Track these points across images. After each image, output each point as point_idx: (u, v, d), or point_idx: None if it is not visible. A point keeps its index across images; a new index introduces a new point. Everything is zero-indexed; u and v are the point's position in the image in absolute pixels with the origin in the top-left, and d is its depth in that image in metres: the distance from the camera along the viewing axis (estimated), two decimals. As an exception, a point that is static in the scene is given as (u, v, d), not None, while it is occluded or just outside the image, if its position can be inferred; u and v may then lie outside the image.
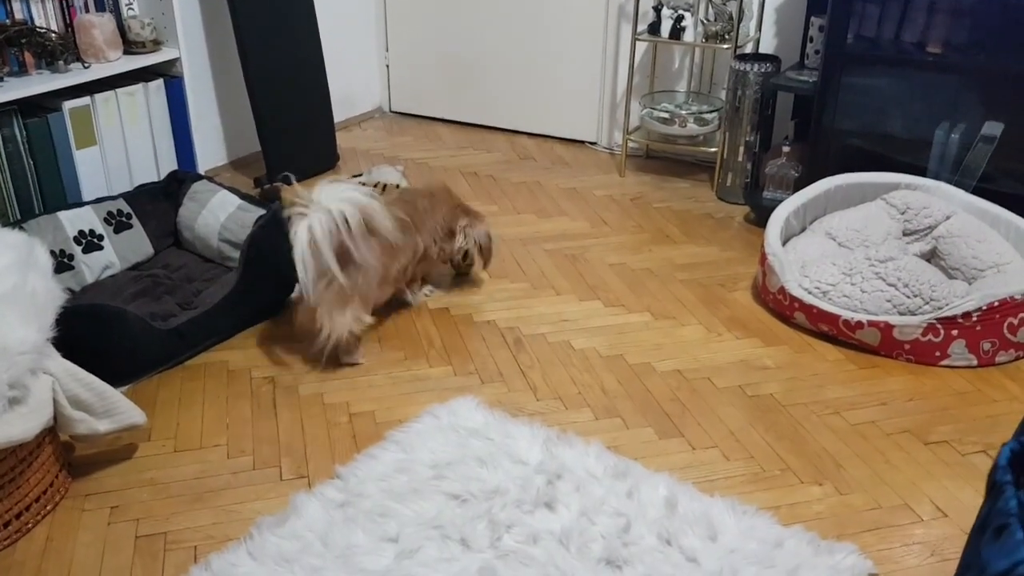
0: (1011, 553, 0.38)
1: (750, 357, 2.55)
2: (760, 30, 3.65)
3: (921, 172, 3.10)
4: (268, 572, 1.71)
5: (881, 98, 3.17)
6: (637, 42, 3.70)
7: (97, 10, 3.02)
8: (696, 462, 2.11)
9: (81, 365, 1.98)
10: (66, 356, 1.96)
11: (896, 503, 1.98)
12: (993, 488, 0.38)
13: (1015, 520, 0.39)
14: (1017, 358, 2.53)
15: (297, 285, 2.40)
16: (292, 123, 3.70)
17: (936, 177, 3.08)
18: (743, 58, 3.44)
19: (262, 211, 2.78)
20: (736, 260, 3.13)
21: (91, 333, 2.20)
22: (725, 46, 3.51)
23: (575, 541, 1.82)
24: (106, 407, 1.97)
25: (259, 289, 2.64)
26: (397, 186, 3.09)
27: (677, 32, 3.57)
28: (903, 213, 2.91)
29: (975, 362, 2.49)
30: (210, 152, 3.76)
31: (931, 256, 2.86)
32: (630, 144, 3.96)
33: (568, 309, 2.80)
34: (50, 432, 1.92)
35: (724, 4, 3.52)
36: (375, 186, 3.11)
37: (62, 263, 2.66)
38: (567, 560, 1.78)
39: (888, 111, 3.18)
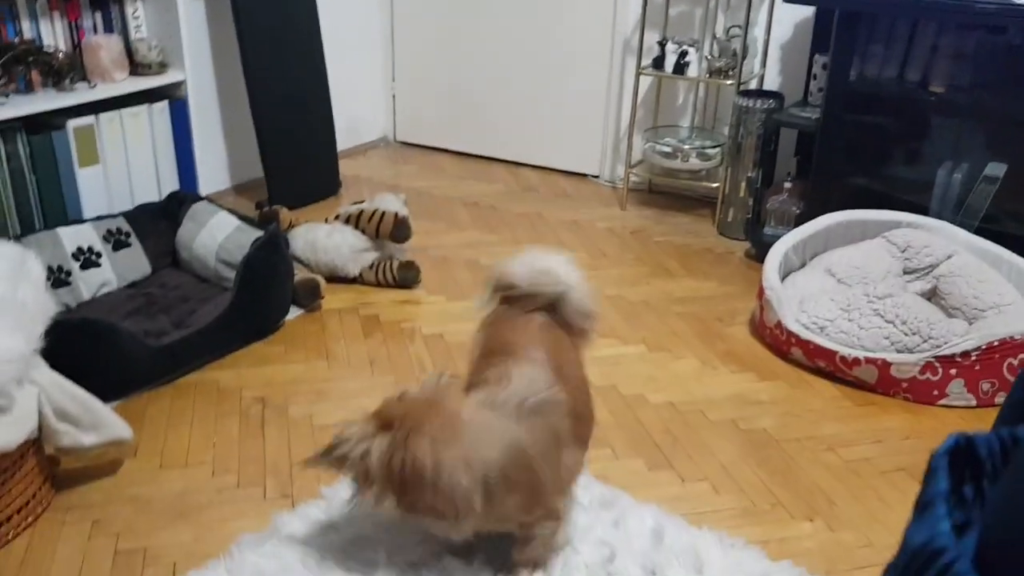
0: (930, 527, 0.37)
1: (745, 391, 2.52)
2: (764, 67, 3.67)
3: (923, 211, 3.10)
4: (245, 591, 1.69)
5: (884, 136, 3.18)
6: (641, 76, 3.73)
7: (105, 31, 3.06)
8: (686, 495, 2.08)
9: (70, 379, 1.97)
10: (56, 369, 1.95)
11: (889, 542, 1.94)
12: (927, 473, 0.37)
13: (941, 498, 0.37)
14: (1016, 399, 2.49)
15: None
16: (296, 150, 3.72)
17: (938, 217, 3.07)
18: (747, 94, 3.46)
19: (260, 233, 2.79)
20: (735, 295, 3.11)
21: (82, 347, 2.19)
22: (729, 82, 3.52)
23: (558, 570, 1.79)
24: (92, 420, 1.95)
25: (253, 310, 2.64)
26: (396, 214, 3.10)
27: (681, 67, 3.59)
28: (904, 251, 2.89)
29: (974, 402, 2.46)
30: (213, 176, 3.78)
31: (931, 295, 2.84)
32: (632, 178, 3.97)
33: (564, 339, 2.78)
34: (34, 444, 1.90)
35: (728, 40, 3.55)
36: (373, 214, 3.12)
37: (59, 279, 2.66)
38: (550, 589, 1.75)
39: (890, 149, 3.19)
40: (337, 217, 3.20)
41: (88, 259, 2.75)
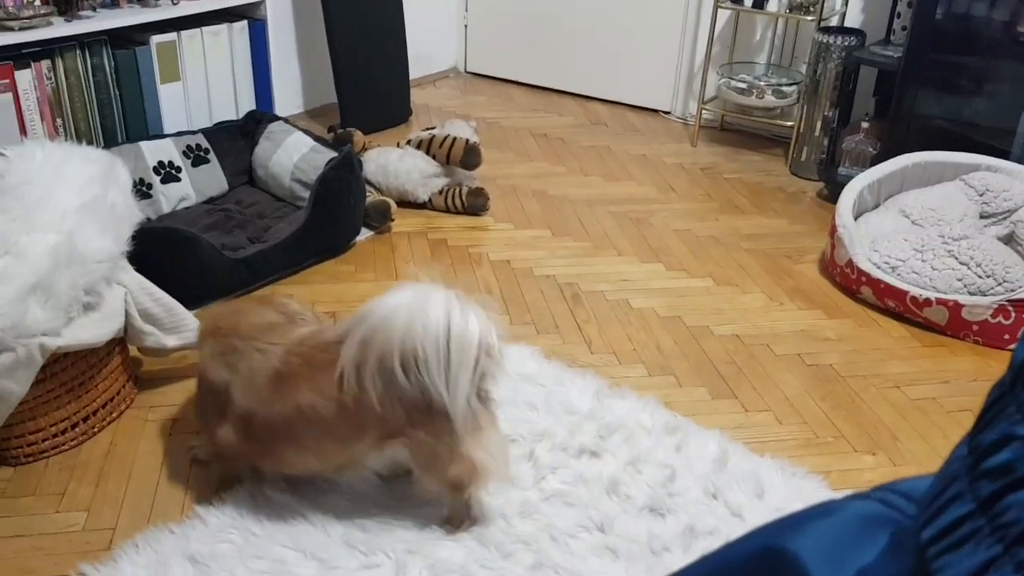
0: None
1: (811, 328, 2.51)
2: (847, 4, 3.56)
3: (1003, 156, 3.01)
4: (316, 492, 1.76)
5: (967, 78, 3.08)
6: (719, 10, 3.65)
7: (188, -51, 3.09)
8: (748, 423, 2.10)
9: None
10: (139, 274, 2.03)
11: (951, 478, 1.93)
12: None
13: None
14: (1091, 348, 2.45)
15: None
16: (369, 76, 3.74)
17: (1019, 162, 2.98)
18: (827, 31, 3.37)
19: (334, 154, 2.83)
20: (805, 234, 3.08)
21: (164, 255, 2.27)
22: (810, 18, 3.44)
23: (620, 488, 1.83)
24: (175, 323, 2.03)
25: (326, 228, 2.69)
26: (467, 141, 3.11)
27: (761, 2, 3.51)
28: (982, 195, 2.83)
29: (1046, 349, 2.41)
30: (288, 99, 3.82)
31: (1008, 241, 2.77)
32: (705, 114, 3.91)
33: (629, 269, 2.79)
34: (120, 343, 1.99)
35: (811, -26, 3.45)
36: (445, 139, 3.14)
37: (141, 191, 2.74)
38: (610, 505, 1.79)
39: (973, 91, 3.09)
40: (409, 142, 3.22)
41: (169, 173, 2.82)
